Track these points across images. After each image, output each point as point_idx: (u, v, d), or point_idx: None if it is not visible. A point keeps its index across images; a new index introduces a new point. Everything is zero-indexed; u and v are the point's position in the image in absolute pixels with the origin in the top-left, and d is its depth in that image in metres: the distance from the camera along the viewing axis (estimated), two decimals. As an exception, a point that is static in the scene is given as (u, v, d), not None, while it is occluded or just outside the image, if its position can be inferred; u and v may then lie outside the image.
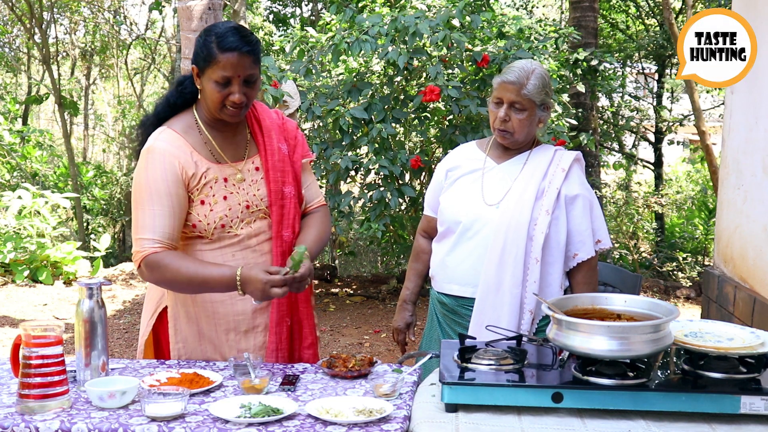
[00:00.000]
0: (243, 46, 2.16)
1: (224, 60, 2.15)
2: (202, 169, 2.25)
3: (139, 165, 2.27)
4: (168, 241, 2.20)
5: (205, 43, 2.18)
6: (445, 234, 2.58)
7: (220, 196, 2.27)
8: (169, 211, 2.20)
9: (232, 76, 2.16)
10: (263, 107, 2.44)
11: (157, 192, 2.20)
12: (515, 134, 2.49)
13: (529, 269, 2.44)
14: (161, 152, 2.23)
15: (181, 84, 2.34)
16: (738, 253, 3.69)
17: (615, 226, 8.83)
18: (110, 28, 12.50)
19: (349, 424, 1.76)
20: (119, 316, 6.84)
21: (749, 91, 3.58)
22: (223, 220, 2.27)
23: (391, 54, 5.56)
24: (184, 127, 2.30)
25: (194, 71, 2.24)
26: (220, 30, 2.18)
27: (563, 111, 7.06)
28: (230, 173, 2.30)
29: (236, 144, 2.35)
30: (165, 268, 2.16)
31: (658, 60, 11.17)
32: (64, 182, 11.77)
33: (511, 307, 2.43)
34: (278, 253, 2.32)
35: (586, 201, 2.52)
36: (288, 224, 2.34)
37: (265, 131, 2.37)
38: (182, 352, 2.36)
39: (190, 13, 3.96)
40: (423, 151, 6.42)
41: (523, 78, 2.45)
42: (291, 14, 12.65)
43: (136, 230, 2.21)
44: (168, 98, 2.36)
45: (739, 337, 1.93)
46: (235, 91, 2.18)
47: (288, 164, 2.38)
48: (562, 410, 1.78)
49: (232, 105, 2.20)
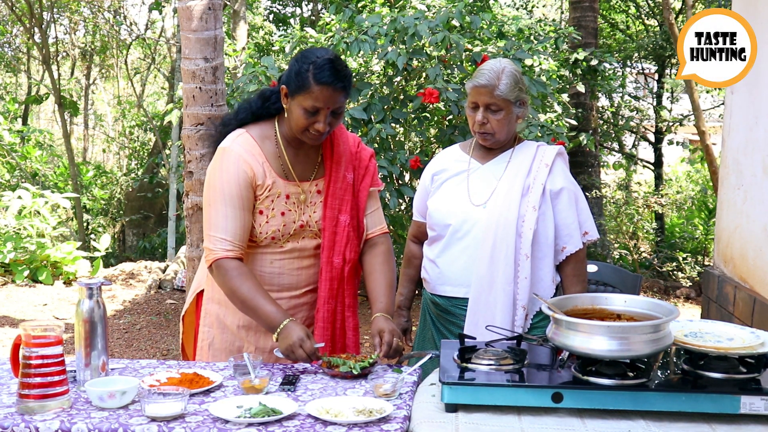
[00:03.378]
0: (338, 82, 2.21)
1: (317, 92, 2.21)
2: (269, 180, 2.33)
3: (213, 163, 2.35)
4: (238, 243, 2.28)
5: (300, 71, 2.23)
6: (435, 237, 2.60)
7: (278, 211, 2.35)
8: (240, 213, 2.29)
9: (322, 107, 2.22)
10: (342, 131, 2.49)
11: (230, 194, 2.28)
12: (496, 135, 2.52)
13: (520, 266, 2.46)
14: (236, 155, 2.30)
15: (267, 99, 2.39)
16: (738, 253, 3.69)
17: (615, 226, 8.83)
18: (110, 28, 12.49)
19: (349, 424, 1.76)
20: (119, 316, 6.84)
21: (749, 91, 3.58)
22: (275, 234, 2.35)
23: (391, 54, 5.55)
24: (262, 135, 2.37)
25: (283, 91, 2.29)
26: (318, 61, 2.22)
27: (563, 111, 7.05)
28: (293, 191, 2.38)
29: (307, 164, 2.42)
30: (229, 280, 2.25)
31: (658, 60, 11.16)
32: (64, 182, 11.77)
33: (505, 305, 2.45)
34: (327, 278, 2.40)
35: (570, 194, 2.54)
36: (339, 251, 2.40)
37: (335, 157, 2.43)
38: (207, 336, 2.46)
39: (190, 13, 3.96)
40: (422, 152, 6.41)
41: (494, 79, 2.48)
42: (291, 14, 12.64)
43: (209, 227, 2.30)
44: (252, 108, 2.41)
45: (739, 337, 1.93)
46: (321, 120, 2.24)
47: (349, 193, 2.43)
48: (562, 410, 1.78)
49: (315, 131, 2.25)
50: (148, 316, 6.89)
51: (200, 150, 4.09)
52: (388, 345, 2.21)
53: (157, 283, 7.93)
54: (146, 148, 13.37)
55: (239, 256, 2.29)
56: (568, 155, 2.69)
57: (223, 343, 2.44)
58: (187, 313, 2.59)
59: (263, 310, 2.21)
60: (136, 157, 13.52)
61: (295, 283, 2.42)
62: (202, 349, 2.47)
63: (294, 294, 2.43)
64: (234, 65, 8.99)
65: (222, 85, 4.12)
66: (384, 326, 2.26)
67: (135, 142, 13.78)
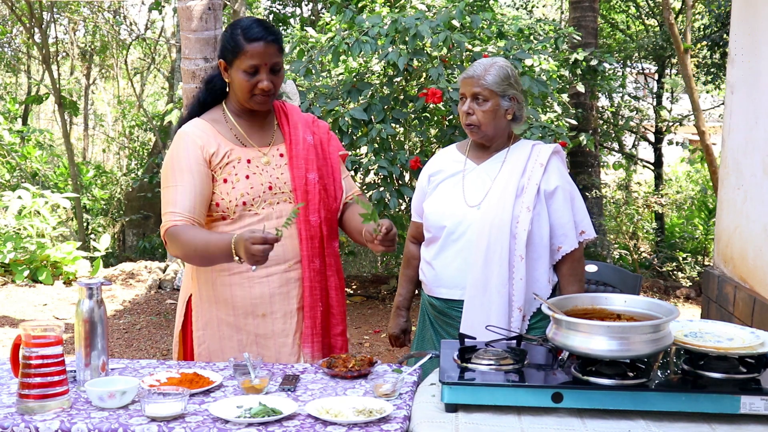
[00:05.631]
0: (268, 36, 2.29)
1: (251, 50, 2.27)
2: (224, 149, 2.36)
3: (168, 150, 2.39)
4: (189, 215, 2.28)
5: (232, 35, 2.31)
6: (431, 239, 2.60)
7: (242, 175, 2.35)
8: (191, 187, 2.29)
9: (260, 64, 2.29)
10: (295, 108, 2.55)
11: (179, 169, 2.31)
12: (482, 127, 2.53)
13: (515, 267, 2.45)
14: (186, 134, 2.36)
15: (210, 82, 2.46)
16: (738, 253, 3.69)
17: (615, 226, 8.82)
18: (110, 28, 12.49)
19: (349, 424, 1.76)
20: (119, 316, 6.84)
21: (749, 91, 3.58)
22: (244, 198, 2.34)
23: (391, 55, 5.56)
24: (213, 118, 2.42)
25: (222, 65, 2.36)
26: (244, 23, 2.32)
27: (563, 111, 7.05)
28: (254, 156, 2.40)
29: (263, 132, 2.46)
30: (180, 239, 2.25)
31: (658, 60, 11.16)
32: (64, 182, 11.76)
33: (500, 306, 2.44)
34: (306, 237, 2.40)
35: (566, 193, 2.53)
36: (314, 209, 2.41)
37: (291, 123, 2.48)
38: (202, 339, 2.42)
39: (190, 13, 3.97)
40: (423, 152, 6.41)
41: (481, 71, 2.51)
42: (291, 14, 12.63)
43: (164, 206, 2.32)
44: (198, 97, 2.49)
45: (739, 337, 1.93)
46: (263, 78, 2.30)
47: (312, 153, 2.45)
48: (562, 410, 1.78)
49: (261, 93, 2.31)
50: (148, 316, 6.88)
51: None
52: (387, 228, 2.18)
53: (157, 283, 7.93)
54: (146, 148, 13.37)
55: (191, 224, 2.27)
56: (568, 155, 2.69)
57: (222, 339, 2.41)
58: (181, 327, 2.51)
59: (215, 246, 2.19)
60: (136, 157, 13.52)
61: (282, 255, 2.36)
62: (201, 355, 2.43)
63: (284, 268, 2.38)
64: (234, 65, 8.98)
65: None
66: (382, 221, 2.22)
67: (135, 142, 13.78)
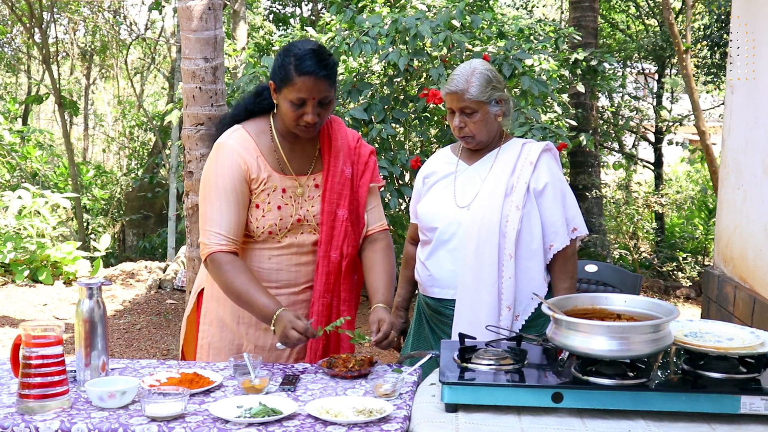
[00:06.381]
0: (320, 71, 2.22)
1: (300, 83, 2.21)
2: (264, 174, 2.34)
3: (209, 159, 2.37)
4: (233, 238, 2.29)
5: (283, 63, 2.25)
6: (425, 240, 2.62)
7: (274, 205, 2.35)
8: (234, 207, 2.30)
9: (307, 98, 2.23)
10: (341, 126, 2.50)
11: (224, 188, 2.30)
12: (476, 137, 2.55)
13: (504, 265, 2.46)
14: (231, 150, 2.32)
15: (260, 95, 2.42)
16: (738, 253, 3.69)
17: (615, 226, 8.82)
18: (110, 28, 12.49)
19: (349, 424, 1.76)
20: (119, 316, 6.84)
21: (749, 91, 3.58)
22: (271, 228, 2.35)
23: (392, 55, 5.55)
24: (258, 130, 2.38)
25: (272, 87, 2.31)
26: (299, 51, 2.23)
27: (563, 111, 7.05)
28: (290, 185, 2.38)
29: (303, 158, 2.42)
30: (223, 273, 2.26)
31: (658, 60, 11.16)
32: (64, 182, 11.76)
33: (490, 306, 2.45)
34: (323, 272, 2.40)
35: (556, 190, 2.53)
36: (336, 246, 2.40)
37: (333, 151, 2.43)
38: (206, 334, 2.46)
39: (190, 13, 3.96)
40: (423, 152, 6.41)
41: (463, 83, 2.50)
42: (291, 14, 12.63)
43: (204, 222, 2.32)
44: (246, 105, 2.44)
45: (739, 337, 1.93)
46: (309, 111, 2.25)
47: (347, 188, 2.43)
48: (562, 410, 1.78)
49: (305, 123, 2.26)
50: (148, 316, 6.89)
51: (200, 150, 4.09)
52: (384, 334, 2.22)
53: (157, 283, 7.93)
54: (146, 148, 13.37)
55: (233, 250, 2.30)
56: (568, 155, 2.70)
57: (223, 341, 2.44)
58: (190, 313, 2.59)
59: (257, 303, 2.22)
60: (136, 157, 13.52)
61: (293, 280, 2.42)
62: (202, 348, 2.47)
63: (293, 291, 2.42)
64: (234, 65, 8.99)
65: (222, 85, 4.12)
66: (384, 317, 2.26)
67: (135, 142, 13.78)
